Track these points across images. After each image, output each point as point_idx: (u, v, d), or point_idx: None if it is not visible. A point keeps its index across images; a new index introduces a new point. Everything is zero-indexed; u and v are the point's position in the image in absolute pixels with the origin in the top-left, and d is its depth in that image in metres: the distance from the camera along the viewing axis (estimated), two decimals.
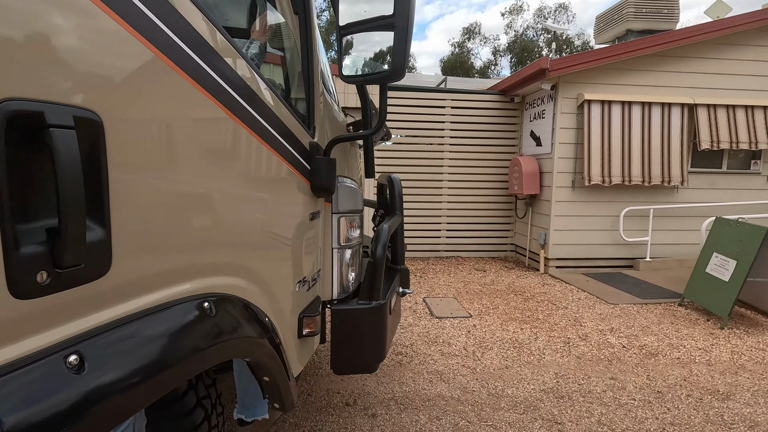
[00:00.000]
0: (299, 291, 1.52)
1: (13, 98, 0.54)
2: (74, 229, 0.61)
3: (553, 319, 4.71)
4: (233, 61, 1.03)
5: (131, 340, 0.73)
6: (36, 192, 0.59)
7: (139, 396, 0.72)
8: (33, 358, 0.58)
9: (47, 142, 0.58)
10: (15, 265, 0.56)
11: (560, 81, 6.43)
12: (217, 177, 1.00)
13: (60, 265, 0.61)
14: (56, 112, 0.58)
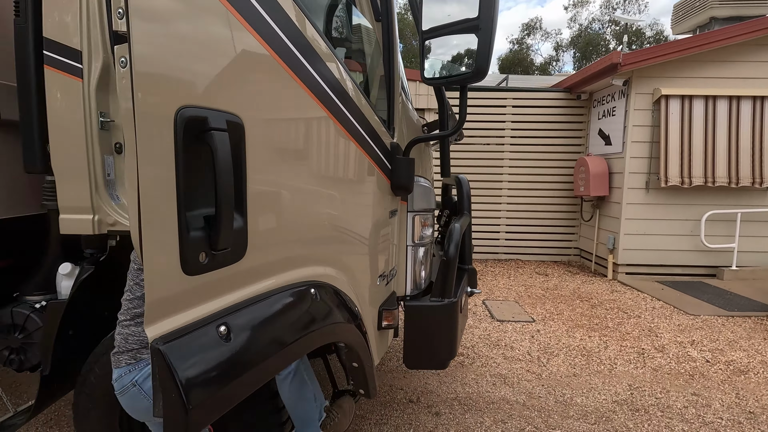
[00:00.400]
0: (379, 285, 1.59)
1: (188, 106, 0.64)
2: (226, 217, 0.70)
3: (624, 327, 4.45)
4: (336, 69, 1.11)
5: (261, 316, 0.83)
6: (199, 185, 0.70)
7: (271, 364, 0.81)
8: (196, 325, 0.68)
9: (208, 142, 0.67)
10: (186, 247, 0.66)
11: (633, 76, 6.05)
12: (320, 174, 1.09)
13: (215, 248, 0.71)
14: (215, 117, 0.68)
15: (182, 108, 0.64)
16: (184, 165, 0.64)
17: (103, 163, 1.79)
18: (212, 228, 0.69)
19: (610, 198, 6.58)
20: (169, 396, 0.63)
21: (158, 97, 0.63)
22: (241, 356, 0.73)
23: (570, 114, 7.38)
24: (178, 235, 0.65)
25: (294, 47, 0.91)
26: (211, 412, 0.69)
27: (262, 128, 0.85)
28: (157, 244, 0.65)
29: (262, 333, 0.80)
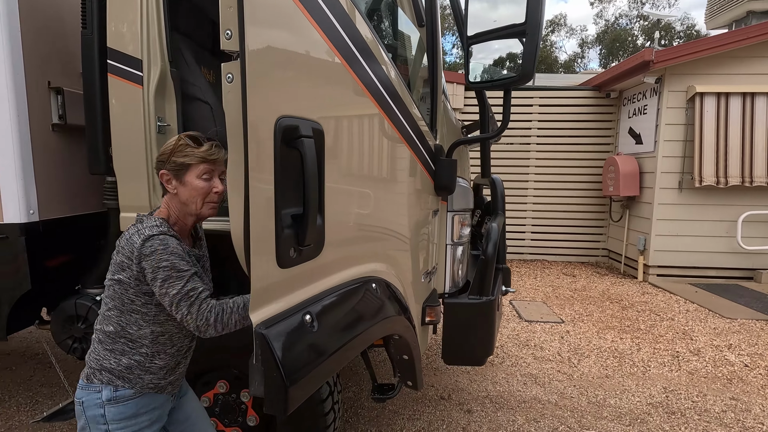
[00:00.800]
0: (423, 282, 1.64)
1: (285, 116, 0.71)
2: (312, 215, 0.77)
3: (657, 330, 4.37)
4: (392, 75, 1.18)
5: (337, 307, 0.90)
6: (289, 187, 0.77)
7: (348, 351, 0.88)
8: (287, 313, 0.76)
9: (299, 148, 0.74)
10: (281, 243, 0.73)
11: (666, 73, 5.91)
12: (378, 176, 1.15)
13: (302, 244, 0.78)
14: (304, 125, 0.75)
15: (281, 118, 0.71)
16: (280, 169, 0.71)
17: None
18: (300, 226, 0.76)
19: (641, 198, 6.44)
20: (271, 374, 0.70)
21: (263, 109, 0.70)
22: (325, 342, 0.79)
23: (598, 113, 7.26)
24: (275, 232, 0.72)
25: (360, 55, 0.98)
26: (304, 391, 0.76)
27: (333, 134, 0.91)
28: (261, 241, 0.72)
29: (339, 322, 0.87)
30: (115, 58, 1.81)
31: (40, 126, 1.89)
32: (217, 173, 1.33)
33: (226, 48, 0.73)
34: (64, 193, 2.04)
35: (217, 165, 1.32)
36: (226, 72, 0.73)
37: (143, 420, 1.32)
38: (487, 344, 1.97)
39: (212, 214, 1.35)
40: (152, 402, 1.35)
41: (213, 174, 1.31)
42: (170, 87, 1.89)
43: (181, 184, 1.29)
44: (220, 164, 1.33)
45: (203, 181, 1.29)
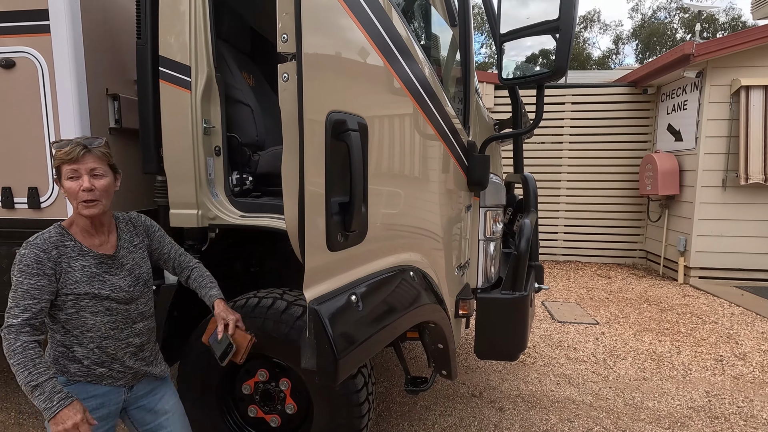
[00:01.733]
0: (457, 275, 1.68)
1: (334, 111, 0.78)
2: (357, 203, 0.84)
3: (699, 333, 4.21)
4: (428, 73, 1.23)
5: (380, 291, 0.96)
6: (339, 176, 0.84)
7: (389, 332, 0.94)
8: (336, 292, 0.82)
9: (345, 141, 0.81)
10: (330, 227, 0.80)
11: (708, 66, 5.67)
12: (414, 168, 1.21)
13: (348, 229, 0.84)
14: (351, 120, 0.82)
15: (331, 112, 0.78)
16: (330, 160, 0.78)
17: (206, 164, 2.02)
18: (346, 213, 0.82)
19: (681, 197, 6.20)
20: (323, 347, 0.77)
21: (316, 105, 0.77)
22: (368, 321, 0.85)
23: (635, 109, 7.03)
24: (325, 218, 0.79)
25: (399, 54, 1.03)
26: (351, 363, 0.83)
27: (374, 129, 0.98)
28: (313, 225, 0.79)
29: (381, 304, 0.93)
30: (166, 65, 1.94)
31: (99, 129, 2.05)
32: (84, 171, 1.33)
33: (283, 50, 0.80)
34: (119, 191, 2.19)
35: (81, 163, 1.32)
36: (283, 72, 0.81)
37: None
38: (519, 339, 1.98)
39: (90, 213, 1.35)
40: (90, 390, 1.41)
41: (78, 173, 1.32)
42: (215, 91, 2.01)
43: (62, 186, 1.36)
44: (86, 161, 1.33)
45: (69, 181, 1.32)
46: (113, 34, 2.13)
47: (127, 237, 1.54)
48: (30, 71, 1.92)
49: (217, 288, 1.69)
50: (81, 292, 1.35)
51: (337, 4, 0.81)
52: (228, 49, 2.33)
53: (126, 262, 1.48)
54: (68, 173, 1.32)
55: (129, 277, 1.46)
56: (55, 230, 1.38)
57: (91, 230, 1.42)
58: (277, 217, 1.94)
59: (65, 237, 1.37)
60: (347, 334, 0.81)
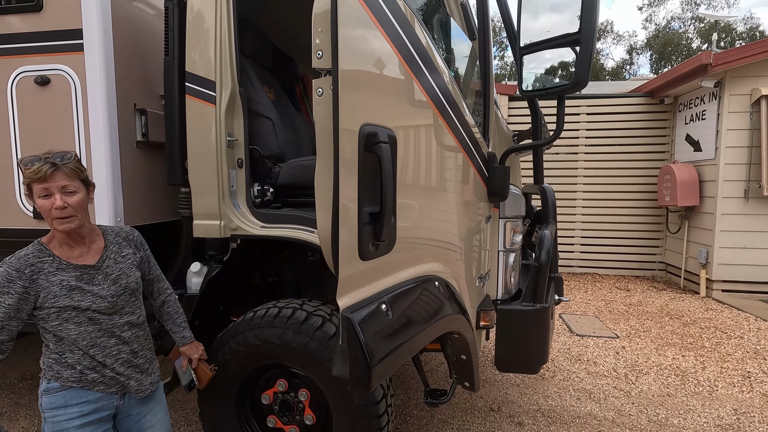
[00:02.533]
0: (477, 286, 1.68)
1: (367, 123, 0.81)
2: (388, 214, 0.86)
3: (724, 348, 4.08)
4: (450, 85, 1.25)
5: (409, 300, 0.97)
6: (370, 187, 0.86)
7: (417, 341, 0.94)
8: (367, 301, 0.84)
9: (377, 153, 0.83)
10: (362, 237, 0.82)
11: (727, 76, 5.60)
12: (438, 179, 1.22)
13: (378, 239, 0.86)
14: (382, 132, 0.84)
15: (364, 125, 0.80)
16: (363, 171, 0.81)
17: (229, 176, 2.07)
18: (377, 222, 0.84)
19: (701, 208, 6.08)
20: (356, 355, 0.78)
21: (351, 118, 0.80)
22: (398, 330, 0.86)
23: (651, 119, 6.96)
24: (357, 227, 0.81)
25: (424, 67, 1.06)
26: (383, 372, 0.83)
27: (402, 140, 1.00)
28: (346, 235, 0.81)
29: (411, 314, 0.94)
30: (192, 80, 2.01)
31: (126, 143, 2.12)
32: (55, 189, 1.33)
33: (318, 66, 0.83)
34: (145, 203, 2.26)
35: (51, 181, 1.32)
36: (317, 87, 0.84)
37: (72, 411, 1.40)
38: (541, 352, 1.96)
39: (65, 228, 1.36)
40: (82, 396, 1.43)
41: (50, 191, 1.33)
42: (239, 105, 2.07)
43: (35, 204, 1.36)
44: (56, 179, 1.33)
45: (42, 199, 1.33)
46: (142, 51, 2.21)
47: (115, 248, 1.54)
48: (64, 88, 2.01)
49: (189, 330, 1.78)
50: (61, 305, 1.36)
51: (369, 20, 0.84)
52: (251, 64, 2.40)
53: (111, 272, 1.49)
54: (39, 192, 1.33)
55: (113, 287, 1.47)
56: (33, 247, 1.40)
57: (70, 242, 1.43)
58: (298, 228, 1.97)
59: (43, 253, 1.39)
60: (379, 343, 0.82)
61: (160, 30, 2.16)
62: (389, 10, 0.92)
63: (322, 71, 0.83)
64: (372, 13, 0.85)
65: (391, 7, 0.92)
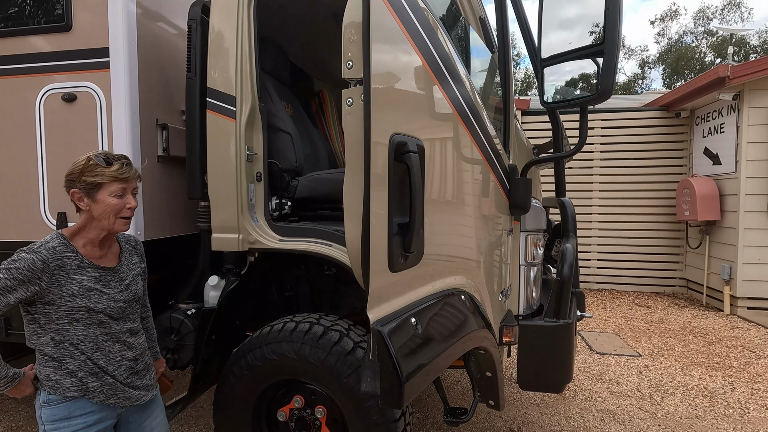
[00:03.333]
0: (500, 301, 1.64)
1: (396, 133, 0.80)
2: (417, 224, 0.84)
3: (753, 368, 3.92)
4: (474, 98, 1.25)
5: (434, 314, 0.94)
6: (398, 197, 0.85)
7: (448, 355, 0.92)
8: (397, 314, 0.82)
9: (406, 162, 0.82)
10: (391, 248, 0.80)
11: (745, 89, 5.52)
12: (465, 191, 1.21)
13: (408, 250, 0.84)
14: (411, 142, 0.83)
15: (394, 134, 0.79)
16: (392, 180, 0.80)
17: (248, 190, 2.08)
18: (407, 233, 0.83)
19: (723, 223, 5.93)
20: (387, 369, 0.75)
21: (381, 128, 0.79)
22: (428, 344, 0.84)
23: (668, 133, 6.88)
24: (387, 237, 0.80)
25: (451, 79, 1.06)
26: (415, 388, 0.81)
27: (429, 151, 0.99)
28: (377, 245, 0.80)
29: (439, 328, 0.91)
30: (214, 96, 2.04)
31: (148, 157, 2.15)
32: (129, 190, 1.40)
33: (347, 76, 0.84)
34: (165, 216, 2.28)
35: (129, 183, 1.39)
36: (347, 97, 0.84)
37: (77, 423, 1.36)
38: (565, 370, 1.89)
39: (125, 228, 1.42)
40: (86, 406, 1.38)
41: (126, 191, 1.38)
42: (258, 120, 2.09)
43: (93, 201, 1.35)
44: (132, 181, 1.40)
45: (116, 198, 1.35)
46: (165, 68, 2.26)
47: (128, 255, 1.56)
48: (90, 104, 2.06)
49: (157, 347, 1.78)
50: (76, 305, 1.34)
51: (399, 30, 0.85)
52: (270, 80, 2.44)
53: (125, 276, 1.49)
54: (116, 191, 1.36)
55: (126, 292, 1.47)
56: (58, 240, 1.36)
57: (99, 243, 1.43)
58: (315, 241, 1.96)
59: (67, 248, 1.36)
60: (411, 357, 0.79)
61: (182, 48, 2.21)
62: (418, 20, 0.92)
63: (352, 81, 0.83)
64: (402, 23, 0.85)
65: (420, 17, 0.93)
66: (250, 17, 2.02)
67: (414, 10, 0.90)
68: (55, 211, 2.14)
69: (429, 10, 1.00)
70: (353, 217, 0.82)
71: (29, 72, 2.12)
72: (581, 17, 1.69)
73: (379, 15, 0.79)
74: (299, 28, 2.84)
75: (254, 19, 2.03)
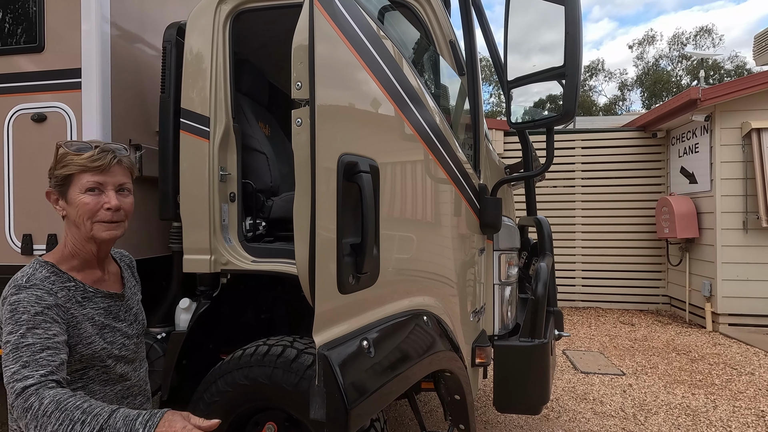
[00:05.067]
0: (472, 321, 1.62)
1: (346, 153, 0.80)
2: (369, 245, 0.83)
3: (735, 386, 3.93)
4: (438, 119, 1.26)
5: (393, 336, 0.92)
6: (351, 218, 0.84)
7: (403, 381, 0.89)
8: (347, 337, 0.80)
9: (357, 182, 0.82)
10: (341, 269, 0.79)
11: (716, 110, 5.73)
12: (426, 211, 1.21)
13: (359, 271, 0.83)
14: (362, 162, 0.83)
15: (343, 155, 0.79)
16: (342, 201, 0.79)
17: (221, 210, 2.06)
18: (358, 254, 0.81)
19: (701, 240, 6.04)
20: (332, 395, 0.72)
21: (328, 147, 0.79)
22: (381, 369, 0.82)
23: (646, 153, 7.06)
24: (336, 260, 0.78)
25: (410, 102, 1.07)
26: (363, 415, 0.78)
27: (387, 173, 0.99)
28: (323, 267, 0.78)
29: (394, 351, 0.89)
30: (187, 117, 2.04)
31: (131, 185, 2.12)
32: (110, 186, 1.05)
33: (297, 97, 0.84)
34: (137, 238, 2.23)
35: (108, 175, 1.04)
36: (296, 117, 0.84)
37: None
38: (542, 391, 1.87)
39: (109, 237, 1.05)
40: None
41: (103, 186, 1.04)
42: (232, 140, 2.08)
43: (67, 203, 1.04)
44: (114, 174, 1.05)
45: (88, 195, 1.02)
46: (140, 88, 2.26)
47: (127, 275, 1.24)
48: (59, 124, 2.03)
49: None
50: (94, 351, 1.01)
51: (351, 55, 0.86)
52: (246, 101, 2.44)
53: (132, 305, 1.19)
54: (88, 184, 1.02)
55: (136, 324, 1.17)
56: (44, 268, 1.02)
57: (94, 262, 1.10)
58: (289, 262, 1.94)
59: (61, 276, 1.03)
60: (359, 383, 0.77)
61: (159, 68, 2.21)
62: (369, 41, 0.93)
63: (302, 102, 0.83)
64: (352, 46, 0.87)
65: (371, 37, 0.94)
66: (225, 39, 2.04)
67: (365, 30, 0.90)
68: (20, 234, 2.08)
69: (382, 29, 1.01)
70: (302, 236, 0.81)
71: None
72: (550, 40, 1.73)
73: (326, 35, 0.80)
74: (278, 50, 2.88)
75: (229, 40, 2.05)
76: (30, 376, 0.85)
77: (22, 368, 0.86)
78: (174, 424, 0.80)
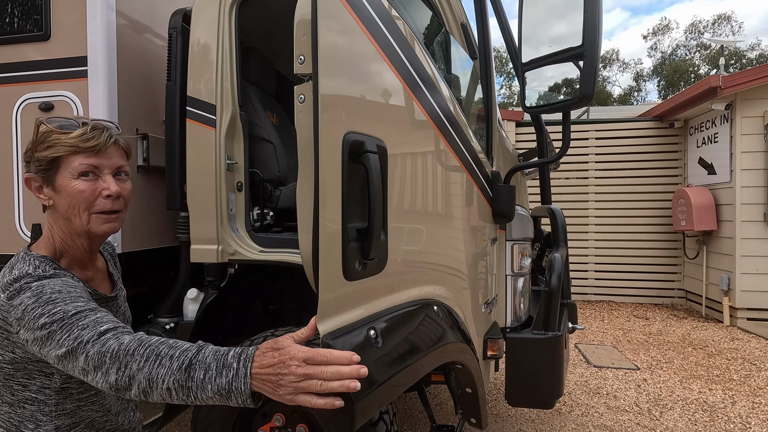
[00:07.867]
0: (484, 312, 1.58)
1: (351, 132, 0.75)
2: (376, 230, 0.79)
3: (754, 381, 3.82)
4: (450, 103, 1.21)
5: (401, 326, 0.88)
6: (357, 201, 0.80)
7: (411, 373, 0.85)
8: (354, 326, 0.76)
9: (364, 163, 0.78)
10: (347, 255, 0.75)
11: (737, 99, 5.54)
12: (438, 198, 1.16)
13: (366, 257, 0.79)
14: (369, 141, 0.79)
15: (348, 133, 0.75)
16: (347, 183, 0.75)
17: (228, 200, 2.03)
18: (364, 239, 0.78)
19: (720, 232, 5.88)
20: None
21: (332, 125, 0.75)
22: (388, 360, 0.78)
23: (662, 143, 6.88)
24: (341, 244, 0.74)
25: (421, 82, 1.02)
26: (368, 408, 0.74)
27: (396, 157, 0.95)
28: (328, 252, 0.74)
29: (402, 341, 0.86)
30: (194, 105, 2.01)
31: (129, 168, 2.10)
32: (107, 169, 0.91)
33: (299, 72, 0.79)
34: (143, 228, 2.22)
35: (104, 157, 0.90)
36: (299, 93, 0.79)
37: None
38: (555, 385, 1.82)
39: (108, 230, 0.92)
40: None
41: (99, 170, 0.90)
42: (239, 129, 2.05)
43: (54, 191, 0.89)
44: (110, 155, 0.91)
45: (83, 181, 0.87)
46: (147, 77, 2.24)
47: (113, 269, 1.11)
48: (67, 113, 2.02)
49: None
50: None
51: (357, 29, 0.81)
52: (254, 90, 2.41)
53: (121, 303, 1.08)
54: (81, 168, 0.87)
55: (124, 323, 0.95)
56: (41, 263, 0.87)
57: (84, 259, 0.97)
58: (296, 252, 1.91)
59: (59, 271, 0.90)
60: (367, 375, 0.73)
61: (165, 57, 2.19)
62: (377, 15, 0.88)
63: (305, 77, 0.78)
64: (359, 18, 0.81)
65: (379, 12, 0.89)
66: (231, 26, 2.00)
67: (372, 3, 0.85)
68: (30, 223, 2.09)
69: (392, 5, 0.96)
70: (305, 222, 0.77)
71: (7, 82, 2.09)
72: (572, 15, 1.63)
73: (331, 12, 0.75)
74: (286, 40, 2.83)
75: (235, 27, 2.01)
76: (95, 328, 0.76)
77: (85, 328, 0.76)
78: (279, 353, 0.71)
